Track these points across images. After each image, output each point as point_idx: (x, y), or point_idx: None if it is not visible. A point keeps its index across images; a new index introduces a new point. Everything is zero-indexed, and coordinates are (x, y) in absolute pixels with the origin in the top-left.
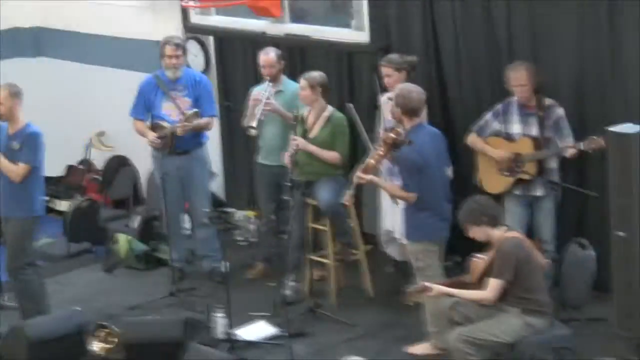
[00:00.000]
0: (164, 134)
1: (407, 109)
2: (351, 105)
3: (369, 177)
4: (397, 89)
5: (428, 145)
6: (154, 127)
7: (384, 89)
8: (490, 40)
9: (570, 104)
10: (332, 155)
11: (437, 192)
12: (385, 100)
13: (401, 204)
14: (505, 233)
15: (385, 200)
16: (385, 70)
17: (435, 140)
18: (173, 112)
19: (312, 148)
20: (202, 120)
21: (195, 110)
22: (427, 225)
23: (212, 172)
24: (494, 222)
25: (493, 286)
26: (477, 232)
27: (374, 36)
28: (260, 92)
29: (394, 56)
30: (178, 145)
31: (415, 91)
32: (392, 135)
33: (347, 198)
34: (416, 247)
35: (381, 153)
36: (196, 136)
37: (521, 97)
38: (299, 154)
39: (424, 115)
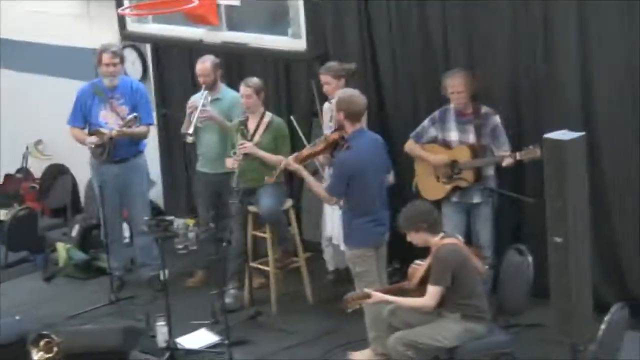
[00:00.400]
0: (103, 141)
1: (349, 114)
2: (292, 117)
3: (297, 166)
4: (338, 94)
5: (369, 151)
6: (93, 134)
7: (324, 97)
8: (426, 48)
9: (507, 110)
10: (278, 160)
11: (373, 197)
12: (327, 108)
13: (340, 209)
14: (442, 239)
15: (327, 206)
16: (324, 78)
17: (377, 146)
18: (110, 119)
19: (261, 153)
20: (139, 129)
21: (135, 114)
22: (363, 231)
23: (150, 180)
24: (433, 228)
25: (431, 293)
26: (415, 238)
27: (310, 44)
28: (197, 100)
29: (332, 64)
30: (116, 154)
31: (356, 95)
32: (335, 135)
33: (271, 175)
34: (354, 252)
35: (318, 148)
36: (134, 144)
37: (458, 104)
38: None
39: (363, 120)
